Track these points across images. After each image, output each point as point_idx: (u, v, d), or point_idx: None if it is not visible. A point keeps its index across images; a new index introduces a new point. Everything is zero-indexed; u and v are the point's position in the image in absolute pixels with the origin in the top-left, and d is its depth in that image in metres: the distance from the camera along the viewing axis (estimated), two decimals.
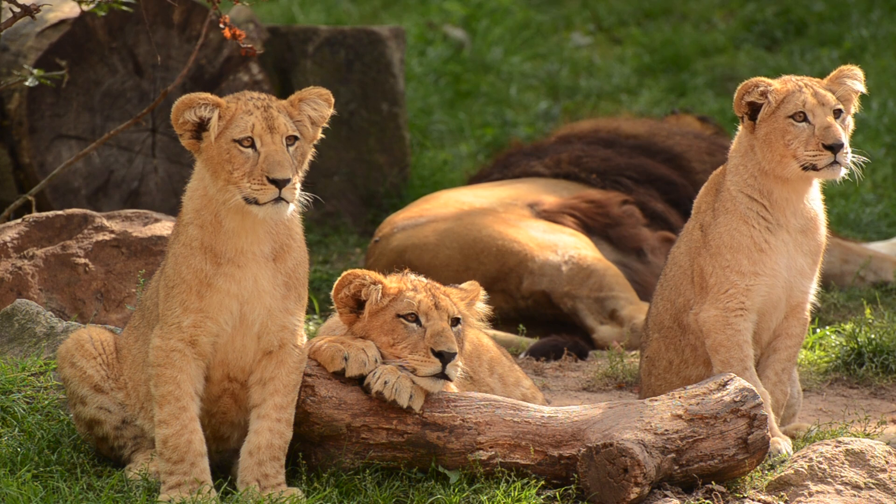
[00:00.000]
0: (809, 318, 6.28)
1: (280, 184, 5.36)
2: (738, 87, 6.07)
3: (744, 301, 6.12)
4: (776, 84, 6.06)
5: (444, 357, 5.61)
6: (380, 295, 5.73)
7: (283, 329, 5.53)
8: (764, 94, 6.04)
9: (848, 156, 5.96)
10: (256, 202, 5.38)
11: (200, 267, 5.47)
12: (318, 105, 5.53)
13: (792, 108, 6.00)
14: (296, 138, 5.45)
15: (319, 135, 5.57)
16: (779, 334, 6.24)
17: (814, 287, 6.25)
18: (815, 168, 5.99)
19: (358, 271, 5.77)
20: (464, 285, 5.94)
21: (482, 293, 5.95)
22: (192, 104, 5.43)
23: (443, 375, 5.61)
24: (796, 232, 6.15)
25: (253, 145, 5.41)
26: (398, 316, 5.70)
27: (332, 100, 5.55)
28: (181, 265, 5.48)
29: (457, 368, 5.65)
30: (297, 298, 5.54)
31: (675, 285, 6.33)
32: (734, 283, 6.11)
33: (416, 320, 5.69)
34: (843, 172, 6.00)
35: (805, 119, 5.99)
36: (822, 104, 5.99)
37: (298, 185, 5.43)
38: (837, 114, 6.01)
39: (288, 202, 5.38)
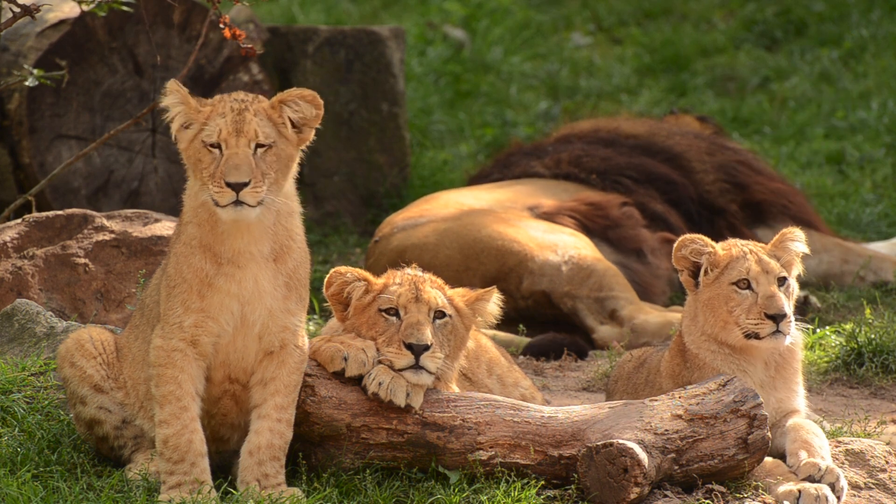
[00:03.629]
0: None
1: (236, 187, 5.34)
2: (676, 242, 6.01)
3: None
4: (718, 248, 5.98)
5: (415, 349, 5.58)
6: (362, 292, 5.71)
7: (284, 329, 5.52)
8: (699, 253, 5.98)
9: (791, 325, 5.89)
10: (217, 204, 5.38)
11: (201, 266, 5.47)
12: (299, 106, 5.48)
13: (736, 274, 5.92)
14: (268, 144, 5.41)
15: (310, 136, 5.52)
16: None
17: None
18: (757, 337, 5.90)
19: (342, 269, 5.76)
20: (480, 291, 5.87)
21: (496, 294, 5.88)
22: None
23: (419, 367, 5.59)
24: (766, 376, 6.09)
25: (220, 148, 5.40)
26: (380, 310, 5.69)
27: (319, 101, 5.49)
28: (182, 264, 5.48)
29: (435, 360, 5.60)
30: (298, 299, 5.54)
31: None
32: None
33: (396, 314, 5.67)
34: (788, 341, 5.93)
35: (749, 286, 5.92)
36: (766, 272, 5.91)
37: (265, 189, 5.36)
38: (781, 281, 5.94)
39: (251, 206, 5.36)
